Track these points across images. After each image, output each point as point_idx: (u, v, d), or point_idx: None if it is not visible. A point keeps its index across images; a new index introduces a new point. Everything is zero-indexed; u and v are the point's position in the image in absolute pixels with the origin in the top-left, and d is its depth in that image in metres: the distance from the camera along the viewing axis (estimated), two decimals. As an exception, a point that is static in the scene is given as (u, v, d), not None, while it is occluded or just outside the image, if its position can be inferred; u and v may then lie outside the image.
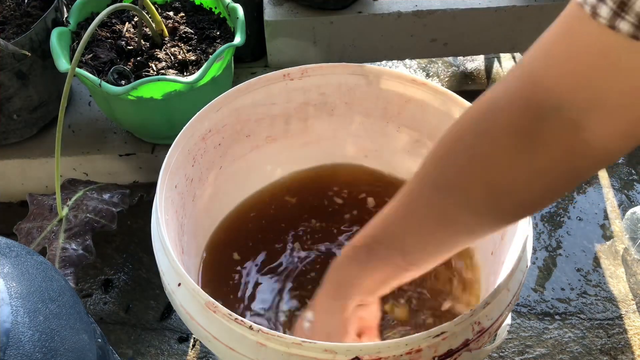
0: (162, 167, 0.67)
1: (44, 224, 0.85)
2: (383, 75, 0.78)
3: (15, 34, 0.91)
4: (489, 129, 0.42)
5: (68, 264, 0.81)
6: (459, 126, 0.45)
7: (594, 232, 1.01)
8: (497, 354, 0.88)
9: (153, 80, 0.82)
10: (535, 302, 0.93)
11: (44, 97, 0.96)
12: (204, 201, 0.78)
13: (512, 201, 0.44)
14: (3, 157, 1.00)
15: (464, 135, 0.44)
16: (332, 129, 0.85)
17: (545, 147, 0.40)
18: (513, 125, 0.40)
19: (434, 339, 0.52)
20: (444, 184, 0.45)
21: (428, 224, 0.48)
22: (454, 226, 0.47)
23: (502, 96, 0.41)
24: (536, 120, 0.39)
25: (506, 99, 0.41)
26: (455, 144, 0.44)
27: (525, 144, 0.40)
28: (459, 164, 0.44)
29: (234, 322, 0.52)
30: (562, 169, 0.41)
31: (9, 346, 0.43)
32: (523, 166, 0.41)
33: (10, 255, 0.50)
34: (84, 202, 0.88)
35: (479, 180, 0.43)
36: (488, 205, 0.44)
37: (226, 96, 0.75)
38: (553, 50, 0.38)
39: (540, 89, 0.38)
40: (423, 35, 1.07)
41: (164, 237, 0.60)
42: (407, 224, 0.49)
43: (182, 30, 0.94)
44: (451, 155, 0.45)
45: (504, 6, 1.05)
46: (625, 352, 0.88)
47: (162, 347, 0.88)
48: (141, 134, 1.00)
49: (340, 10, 1.04)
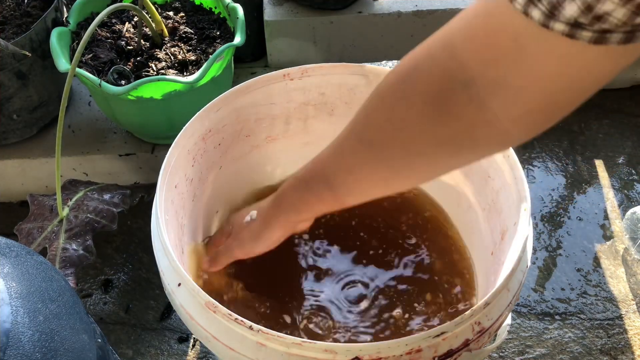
0: (162, 167, 0.67)
1: (45, 225, 0.86)
2: (383, 75, 0.78)
3: (15, 34, 0.91)
4: (406, 93, 0.44)
5: (69, 264, 0.81)
6: (384, 84, 0.47)
7: (594, 232, 1.01)
8: (497, 354, 0.88)
9: (153, 80, 0.82)
10: (535, 302, 0.93)
11: (44, 97, 0.96)
12: (204, 201, 0.78)
13: (423, 161, 0.47)
14: (3, 157, 1.00)
15: (385, 96, 0.47)
16: (332, 129, 0.84)
17: (449, 118, 0.42)
18: (428, 93, 0.42)
19: (434, 339, 0.52)
20: (367, 138, 0.49)
21: (353, 169, 0.52)
22: (374, 174, 0.52)
23: (423, 61, 0.43)
24: (447, 91, 0.41)
25: (426, 65, 0.43)
26: (378, 103, 0.48)
27: (435, 112, 0.43)
28: (379, 123, 0.48)
29: (234, 322, 0.52)
30: (464, 142, 0.43)
31: (9, 346, 0.43)
32: (431, 132, 0.44)
33: (10, 255, 0.50)
34: (85, 203, 0.88)
35: (395, 140, 0.47)
36: (403, 163, 0.48)
37: (226, 96, 0.75)
38: (471, 25, 0.40)
39: (455, 60, 0.40)
40: (423, 35, 1.06)
41: (164, 237, 0.60)
42: (336, 165, 0.54)
43: (182, 30, 0.94)
44: (374, 113, 0.48)
45: (504, 6, 1.05)
46: (625, 352, 0.88)
47: (162, 347, 0.88)
48: (141, 134, 1.00)
49: (340, 10, 1.04)
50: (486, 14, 0.38)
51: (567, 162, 1.11)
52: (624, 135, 1.15)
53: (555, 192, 1.07)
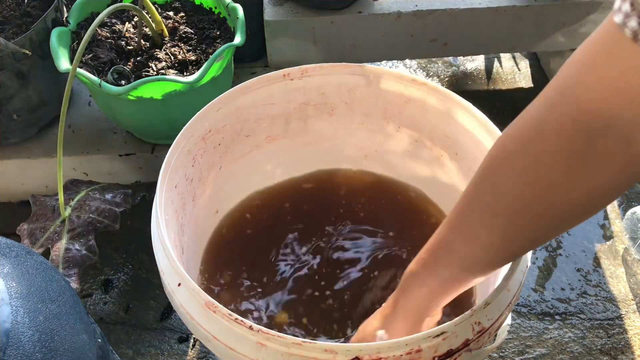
0: (162, 167, 0.67)
1: (47, 225, 0.86)
2: (383, 75, 0.78)
3: (15, 34, 0.91)
4: (540, 155, 0.43)
5: (71, 264, 0.81)
6: (502, 150, 0.46)
7: (594, 232, 1.01)
8: (497, 354, 0.88)
9: (153, 80, 0.82)
10: (535, 302, 0.93)
11: (44, 97, 0.96)
12: (204, 201, 0.78)
13: (575, 216, 0.45)
14: (3, 157, 1.00)
15: (512, 162, 0.45)
16: (332, 129, 0.85)
17: (600, 165, 0.41)
18: (565, 149, 0.41)
19: (434, 339, 0.52)
20: (503, 210, 0.47)
21: (491, 246, 0.50)
22: (517, 242, 0.49)
23: (547, 119, 0.42)
24: (588, 141, 0.40)
25: (553, 122, 0.41)
26: (507, 169, 0.45)
27: (580, 165, 0.41)
28: (515, 191, 0.45)
29: (234, 322, 0.52)
30: (619, 181, 0.42)
31: (9, 346, 0.43)
32: (581, 185, 0.42)
33: (10, 255, 0.50)
34: (87, 203, 0.88)
35: (539, 203, 0.44)
36: (551, 223, 0.46)
37: (226, 96, 0.75)
38: (596, 72, 0.38)
39: (587, 110, 0.39)
40: (423, 35, 1.07)
41: (164, 237, 0.60)
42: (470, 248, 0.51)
43: (182, 30, 0.94)
44: (505, 182, 0.46)
45: (504, 6, 1.05)
46: (625, 352, 0.88)
47: (162, 347, 0.88)
48: (141, 134, 1.00)
49: (340, 10, 1.04)
50: (607, 57, 0.38)
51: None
52: (624, 135, 1.15)
53: (555, 192, 1.07)
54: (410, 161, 0.84)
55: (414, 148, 0.83)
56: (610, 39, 0.37)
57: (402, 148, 0.84)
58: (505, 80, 1.26)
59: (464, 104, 0.74)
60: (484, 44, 1.12)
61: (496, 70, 1.27)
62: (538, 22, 1.07)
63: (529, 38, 1.11)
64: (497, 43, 1.12)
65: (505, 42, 1.12)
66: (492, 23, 1.07)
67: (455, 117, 0.75)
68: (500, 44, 1.12)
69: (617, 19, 0.36)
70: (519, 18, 1.06)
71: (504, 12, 1.05)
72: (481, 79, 1.26)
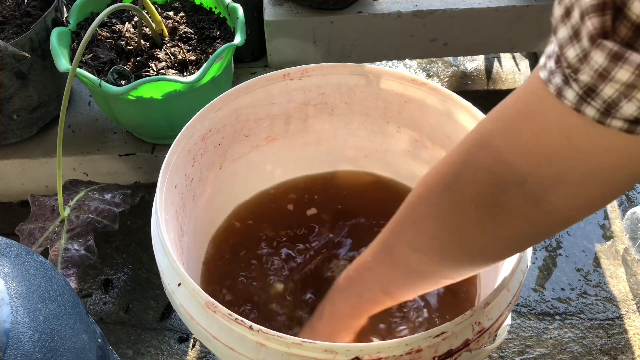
0: (162, 167, 0.67)
1: (46, 225, 0.86)
2: (383, 75, 0.78)
3: (15, 34, 0.91)
4: (456, 201, 0.44)
5: (70, 264, 0.81)
6: (425, 191, 0.47)
7: (594, 232, 1.01)
8: (497, 354, 0.88)
9: (153, 80, 0.82)
10: (535, 302, 0.93)
11: (44, 97, 0.96)
12: (204, 201, 0.78)
13: (485, 258, 0.47)
14: (3, 157, 1.00)
15: (431, 204, 0.46)
16: (332, 129, 0.85)
17: (509, 217, 0.41)
18: (479, 198, 0.42)
19: (434, 339, 0.52)
20: (420, 246, 0.49)
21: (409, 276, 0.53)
22: (431, 277, 0.52)
23: (465, 167, 0.42)
24: (500, 193, 0.40)
25: (470, 171, 0.42)
26: (425, 211, 0.47)
27: (491, 214, 0.42)
28: (432, 232, 0.47)
29: (234, 322, 0.52)
30: (526, 234, 0.43)
31: (9, 346, 0.43)
32: (491, 233, 0.43)
33: (10, 255, 0.50)
34: (86, 203, 0.88)
35: (453, 244, 0.47)
36: (463, 262, 0.49)
37: (226, 96, 0.75)
38: (515, 126, 0.38)
39: (502, 163, 0.39)
40: (423, 35, 1.07)
41: (164, 237, 0.60)
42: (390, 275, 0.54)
43: (182, 30, 0.94)
44: (424, 221, 0.48)
45: (504, 6, 1.05)
46: (625, 352, 0.88)
47: (162, 347, 0.88)
48: (141, 134, 1.00)
49: (340, 10, 1.04)
50: (529, 113, 0.37)
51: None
52: (624, 135, 1.15)
53: (555, 192, 1.07)
54: (410, 161, 0.84)
55: (414, 148, 0.83)
56: (535, 95, 0.36)
57: (402, 148, 0.84)
58: (505, 80, 1.26)
59: (464, 104, 0.73)
60: (484, 44, 1.12)
61: (496, 70, 1.28)
62: (538, 22, 1.07)
63: (529, 38, 1.11)
64: (497, 43, 1.12)
65: (505, 42, 1.12)
66: (492, 23, 1.07)
67: (455, 117, 0.75)
68: (500, 44, 1.12)
69: (542, 75, 0.35)
70: (519, 18, 1.06)
71: (504, 12, 1.06)
72: (481, 79, 1.26)
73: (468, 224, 0.44)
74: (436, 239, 0.47)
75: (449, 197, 0.44)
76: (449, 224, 0.45)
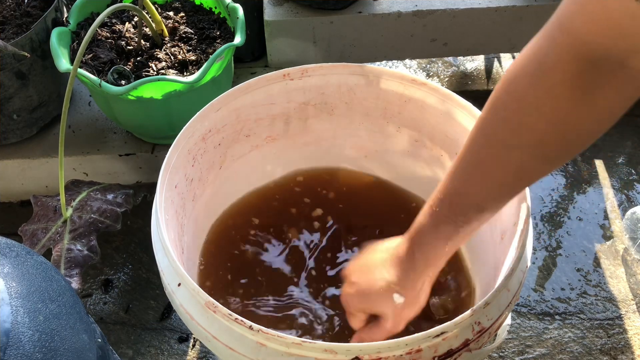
0: (162, 167, 0.67)
1: (49, 225, 0.86)
2: (383, 75, 0.78)
3: (15, 34, 0.91)
4: (548, 87, 0.46)
5: (73, 264, 0.81)
6: (513, 86, 0.48)
7: (594, 232, 1.01)
8: (497, 354, 0.88)
9: (153, 80, 0.82)
10: (535, 302, 0.93)
11: (44, 97, 0.96)
12: (204, 201, 0.78)
13: (582, 142, 0.49)
14: (3, 157, 1.00)
15: (523, 96, 0.47)
16: (332, 129, 0.85)
17: (602, 90, 0.45)
18: (569, 79, 0.45)
19: (434, 339, 0.52)
20: (517, 142, 0.49)
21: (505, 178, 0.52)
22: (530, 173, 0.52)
23: (549, 53, 0.45)
24: (589, 69, 0.44)
25: (555, 56, 0.45)
26: (517, 104, 0.48)
27: (587, 92, 0.45)
28: (529, 123, 0.48)
29: (234, 322, 0.52)
30: (620, 103, 0.46)
31: (9, 346, 0.43)
32: (589, 111, 0.46)
33: (10, 255, 0.50)
34: (88, 203, 0.88)
35: (552, 133, 0.48)
36: (561, 152, 0.50)
37: (226, 96, 0.75)
38: (589, 9, 0.42)
39: (585, 42, 0.43)
40: (423, 35, 1.07)
41: (164, 237, 0.60)
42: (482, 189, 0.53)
43: (182, 30, 0.94)
44: (517, 114, 0.48)
45: (504, 6, 1.05)
46: (625, 352, 0.88)
47: (162, 347, 0.88)
48: (141, 134, 1.00)
49: (340, 10, 1.04)
50: None
51: (567, 162, 1.11)
52: (624, 135, 1.15)
53: (555, 192, 1.07)
54: (410, 161, 0.84)
55: (414, 148, 0.83)
56: None
57: (402, 148, 0.84)
58: (505, 80, 1.26)
59: (463, 104, 0.74)
60: (484, 44, 1.12)
61: (496, 70, 1.28)
62: (538, 22, 1.07)
63: (529, 38, 1.10)
64: (497, 43, 1.12)
65: (505, 42, 1.12)
66: (492, 23, 1.07)
67: (455, 117, 0.75)
68: (500, 44, 1.12)
69: None
70: (519, 18, 1.06)
71: (504, 12, 1.06)
72: (481, 79, 1.26)
73: (564, 106, 0.46)
74: (535, 131, 0.48)
75: (539, 85, 0.46)
76: (546, 111, 0.47)
